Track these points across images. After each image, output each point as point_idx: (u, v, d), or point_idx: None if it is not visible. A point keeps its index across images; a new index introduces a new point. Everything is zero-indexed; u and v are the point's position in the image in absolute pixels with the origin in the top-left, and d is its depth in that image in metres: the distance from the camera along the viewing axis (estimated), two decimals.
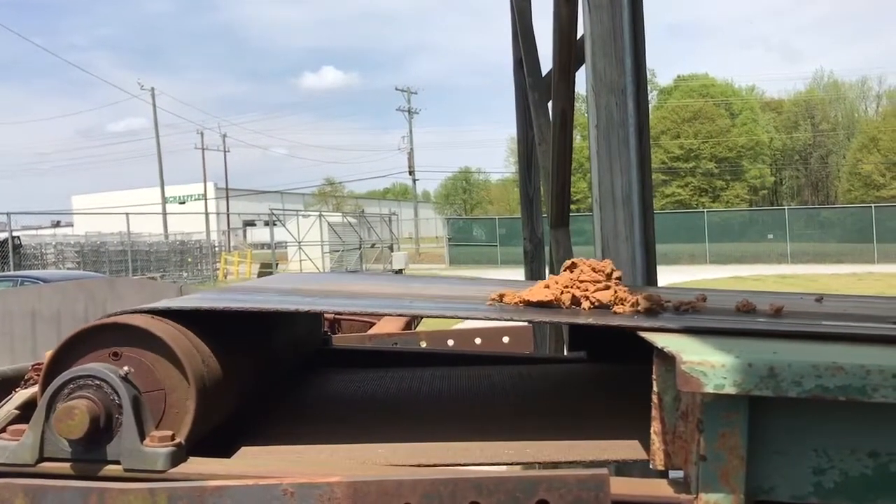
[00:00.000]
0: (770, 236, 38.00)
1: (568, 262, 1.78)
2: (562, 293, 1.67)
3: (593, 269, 1.73)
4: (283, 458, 1.38)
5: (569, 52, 4.10)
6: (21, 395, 1.46)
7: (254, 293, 1.91)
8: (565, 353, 3.05)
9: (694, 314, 1.64)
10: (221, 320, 1.48)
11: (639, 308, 1.59)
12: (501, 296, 1.72)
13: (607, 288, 1.68)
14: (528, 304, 1.66)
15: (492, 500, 1.03)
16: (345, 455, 1.41)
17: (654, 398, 1.20)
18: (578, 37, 3.99)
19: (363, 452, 1.43)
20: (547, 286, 1.70)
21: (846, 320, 1.68)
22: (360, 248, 37.21)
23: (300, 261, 34.18)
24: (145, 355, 1.31)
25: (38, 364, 1.58)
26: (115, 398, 1.23)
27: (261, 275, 34.49)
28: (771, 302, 1.73)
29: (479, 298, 1.81)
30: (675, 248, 35.77)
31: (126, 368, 1.27)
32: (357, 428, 1.61)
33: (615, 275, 1.73)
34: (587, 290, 1.68)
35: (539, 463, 1.41)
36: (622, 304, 1.62)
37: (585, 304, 1.64)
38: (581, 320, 1.60)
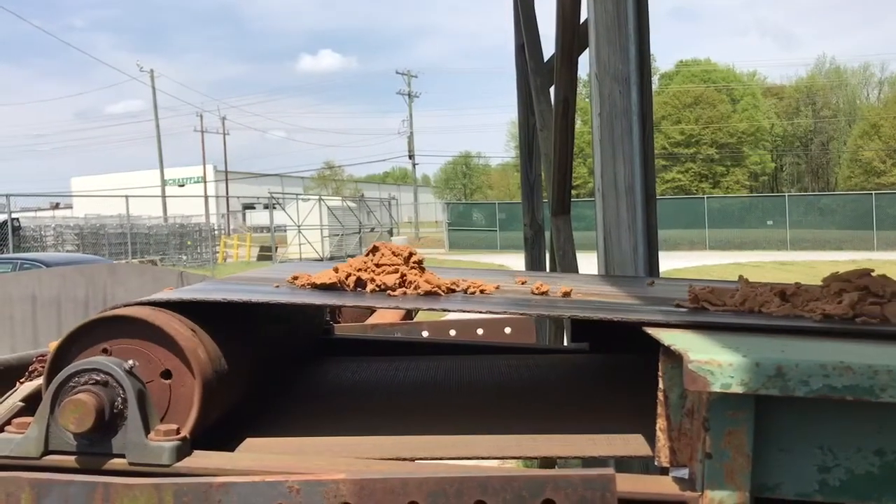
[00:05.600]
0: (770, 223, 37.95)
1: (371, 246, 1.87)
2: (347, 276, 1.72)
3: (393, 253, 1.81)
4: (289, 452, 1.37)
5: (572, 37, 4.07)
6: (26, 388, 1.46)
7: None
8: (565, 343, 3.04)
9: (481, 297, 1.72)
10: (223, 311, 1.48)
11: (419, 291, 1.66)
12: (295, 278, 1.77)
13: (396, 272, 1.73)
14: (315, 286, 1.71)
15: (498, 500, 1.03)
16: (350, 447, 1.41)
17: (660, 395, 1.19)
18: (581, 21, 3.96)
19: (368, 444, 1.43)
20: (336, 269, 1.75)
21: (641, 302, 1.73)
22: (359, 233, 37.21)
23: (299, 244, 34.16)
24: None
25: (43, 356, 1.58)
26: (120, 391, 1.23)
27: (260, 258, 34.53)
28: (563, 286, 1.84)
29: (282, 280, 1.84)
30: (675, 233, 35.76)
31: (131, 361, 1.27)
32: (361, 419, 1.61)
33: (413, 259, 1.79)
34: (380, 273, 1.73)
35: (542, 457, 1.41)
36: (405, 287, 1.68)
37: (370, 287, 1.69)
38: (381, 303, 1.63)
